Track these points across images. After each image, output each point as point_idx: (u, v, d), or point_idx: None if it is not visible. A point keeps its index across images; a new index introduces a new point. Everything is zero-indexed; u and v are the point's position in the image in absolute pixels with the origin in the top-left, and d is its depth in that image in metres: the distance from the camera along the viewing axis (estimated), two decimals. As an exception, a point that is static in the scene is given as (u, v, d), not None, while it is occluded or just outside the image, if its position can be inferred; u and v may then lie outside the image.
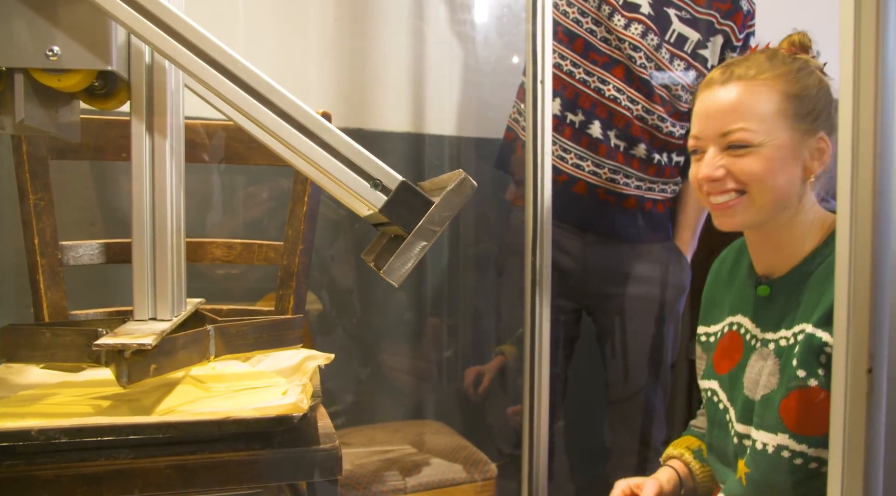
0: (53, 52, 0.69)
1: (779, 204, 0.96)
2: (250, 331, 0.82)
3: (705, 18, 1.54)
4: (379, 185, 0.73)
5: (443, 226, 0.74)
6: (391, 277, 0.74)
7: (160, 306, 0.77)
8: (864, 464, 0.54)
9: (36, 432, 0.63)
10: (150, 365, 0.69)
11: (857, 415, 0.54)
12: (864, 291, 0.56)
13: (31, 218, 1.06)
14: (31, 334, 0.72)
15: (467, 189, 0.74)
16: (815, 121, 0.95)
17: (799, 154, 0.94)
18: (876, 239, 0.56)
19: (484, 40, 1.97)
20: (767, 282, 1.00)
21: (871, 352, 0.54)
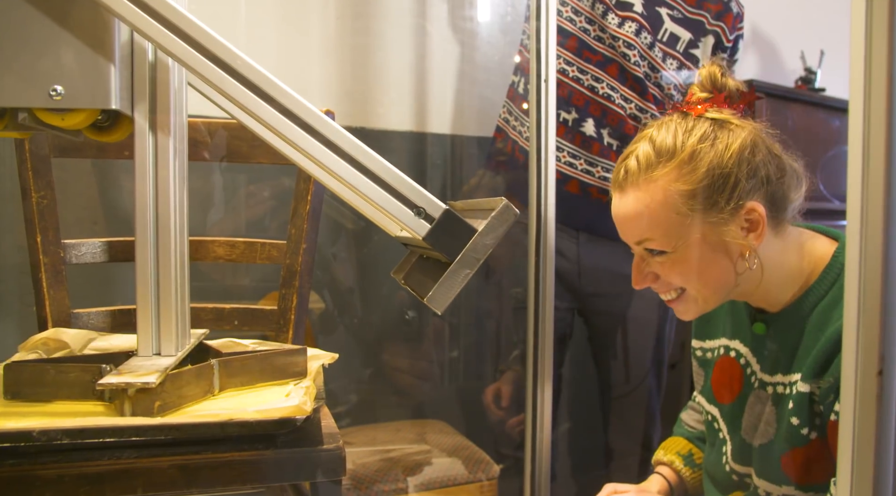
0: (57, 91, 0.70)
1: (725, 289, 0.90)
2: (254, 364, 0.82)
3: (696, 19, 1.55)
4: (422, 213, 0.73)
5: (485, 254, 0.74)
6: (435, 306, 0.74)
7: (164, 341, 0.77)
8: (874, 468, 0.54)
9: (38, 433, 0.62)
10: (154, 402, 0.69)
11: (867, 418, 0.53)
12: (874, 293, 0.55)
13: (34, 216, 1.06)
14: (34, 372, 0.72)
15: (510, 216, 0.74)
16: (731, 200, 0.86)
17: (723, 242, 0.87)
18: (886, 240, 0.56)
19: (487, 38, 1.97)
20: (763, 320, 0.95)
21: (881, 355, 0.54)
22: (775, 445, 0.91)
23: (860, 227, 0.57)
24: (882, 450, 0.53)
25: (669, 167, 0.87)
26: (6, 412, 0.71)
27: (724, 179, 0.86)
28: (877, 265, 0.55)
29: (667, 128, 0.90)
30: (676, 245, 0.87)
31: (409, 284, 0.90)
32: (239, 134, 1.18)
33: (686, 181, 0.86)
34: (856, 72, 0.57)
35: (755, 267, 0.87)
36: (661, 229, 0.87)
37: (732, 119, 0.90)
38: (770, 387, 0.94)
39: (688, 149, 0.87)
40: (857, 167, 0.57)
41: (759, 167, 0.87)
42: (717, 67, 0.93)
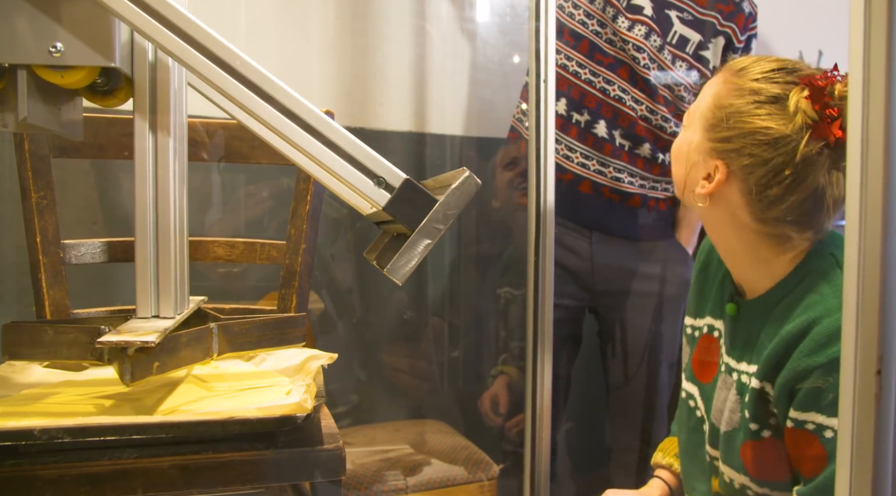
0: (56, 48, 0.69)
1: (677, 185, 0.98)
2: (253, 329, 0.81)
3: (707, 20, 1.55)
4: (383, 183, 0.73)
5: (447, 224, 0.73)
6: (395, 276, 0.74)
7: (163, 304, 0.77)
8: (873, 467, 0.54)
9: (38, 432, 0.62)
10: (153, 362, 0.68)
11: (865, 418, 0.53)
12: (874, 292, 0.56)
13: (34, 216, 1.06)
14: (33, 331, 0.72)
15: (471, 187, 0.74)
16: (720, 144, 0.89)
17: (694, 158, 0.93)
18: (885, 239, 0.56)
19: (487, 39, 1.97)
20: (736, 301, 0.96)
21: (879, 354, 0.54)
22: (737, 434, 0.91)
23: (859, 228, 0.57)
24: (881, 449, 0.53)
25: (729, 75, 0.91)
26: (6, 411, 0.71)
27: (730, 125, 0.88)
28: (875, 264, 0.56)
29: (767, 61, 0.91)
30: (686, 130, 0.96)
31: (379, 262, 0.90)
32: (238, 134, 1.18)
33: (724, 97, 0.90)
34: (854, 72, 0.57)
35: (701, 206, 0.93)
36: (692, 109, 0.97)
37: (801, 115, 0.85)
38: (735, 374, 0.94)
39: (751, 86, 0.88)
40: (855, 168, 0.58)
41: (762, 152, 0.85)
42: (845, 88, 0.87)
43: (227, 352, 0.79)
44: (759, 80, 0.88)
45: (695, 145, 0.93)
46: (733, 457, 0.91)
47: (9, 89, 0.72)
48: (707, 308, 1.04)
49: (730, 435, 0.93)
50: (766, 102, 0.86)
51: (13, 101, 0.73)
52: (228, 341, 0.79)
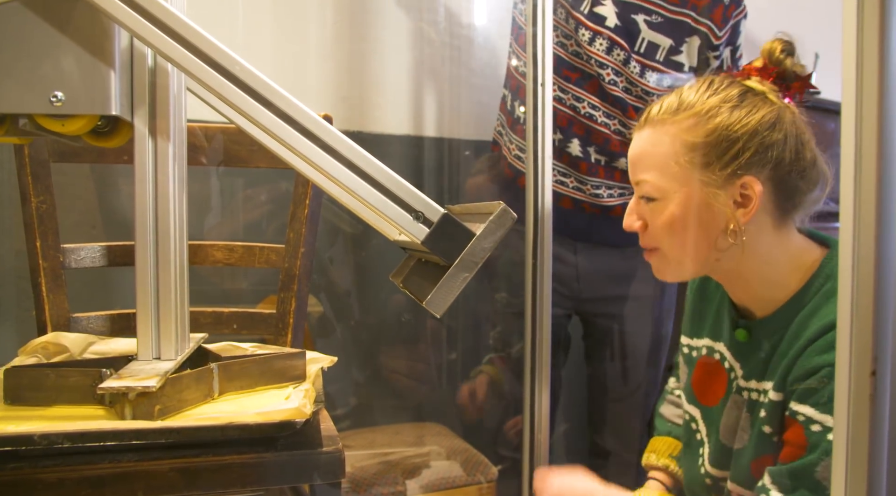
0: (58, 97, 0.70)
1: (701, 258, 0.89)
2: (253, 368, 0.82)
3: (679, 20, 1.45)
4: (421, 217, 0.74)
5: (483, 257, 0.75)
6: (434, 309, 0.75)
7: (164, 345, 0.77)
8: (868, 468, 0.54)
9: (38, 437, 0.63)
10: (154, 406, 0.70)
11: (860, 419, 0.54)
12: (868, 293, 0.56)
13: (34, 221, 1.06)
14: (34, 376, 0.73)
15: (508, 221, 0.75)
16: (731, 166, 0.85)
17: (711, 207, 0.86)
18: (879, 240, 0.56)
19: (483, 43, 1.97)
20: (745, 326, 0.94)
21: (874, 355, 0.54)
22: (747, 451, 0.91)
23: (853, 230, 0.58)
24: (875, 450, 0.54)
25: (684, 116, 0.87)
26: (7, 416, 0.72)
27: (728, 143, 0.85)
28: (869, 266, 0.56)
29: (699, 84, 0.91)
30: (666, 193, 0.87)
31: (408, 288, 0.90)
32: (236, 138, 1.18)
33: (693, 133, 0.86)
34: (847, 76, 0.58)
35: (737, 245, 0.86)
36: (657, 173, 0.88)
37: (770, 94, 0.89)
38: (746, 392, 0.94)
39: (707, 105, 0.87)
40: (849, 170, 0.58)
41: (773, 145, 0.86)
42: (780, 44, 0.93)
43: (228, 392, 0.80)
44: (710, 97, 0.88)
45: (699, 193, 0.86)
46: (743, 474, 0.91)
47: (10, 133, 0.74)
48: (705, 329, 1.03)
49: (740, 453, 0.92)
50: (739, 102, 0.87)
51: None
52: (229, 380, 0.80)
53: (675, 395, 1.15)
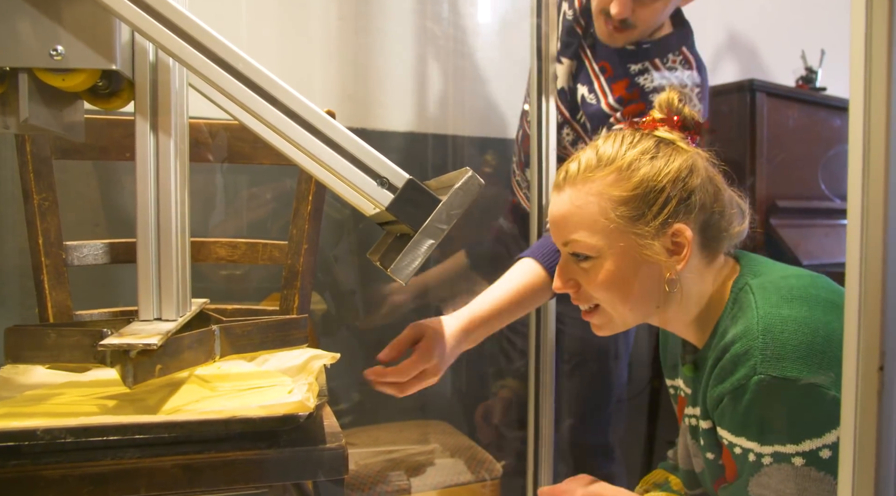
0: (58, 51, 0.69)
1: (642, 309, 0.90)
2: (255, 331, 0.81)
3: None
4: (385, 183, 0.73)
5: (450, 224, 0.74)
6: (398, 276, 0.74)
7: (165, 306, 0.77)
8: (875, 463, 0.54)
9: (41, 432, 0.63)
10: (155, 365, 0.69)
11: (868, 414, 0.53)
12: (875, 289, 0.56)
13: (36, 218, 1.06)
14: (35, 335, 0.72)
15: (474, 187, 0.74)
16: (660, 216, 0.86)
17: (645, 258, 0.87)
18: (887, 236, 0.56)
19: (488, 39, 1.97)
20: (692, 361, 0.96)
21: (882, 350, 0.54)
22: (706, 475, 0.94)
23: (861, 226, 0.57)
24: (884, 445, 0.53)
25: (606, 171, 0.88)
26: (9, 412, 0.71)
27: (655, 194, 0.87)
28: (878, 262, 0.56)
29: (614, 138, 0.92)
30: (600, 250, 0.88)
31: (382, 263, 0.90)
32: (240, 135, 1.18)
33: (619, 187, 0.87)
34: (856, 72, 0.57)
35: (674, 291, 0.88)
36: (587, 231, 0.88)
37: (679, 142, 0.91)
38: (687, 419, 0.97)
39: (627, 158, 0.88)
40: (857, 166, 0.58)
41: (694, 191, 0.88)
42: (676, 93, 0.95)
43: (230, 354, 0.79)
44: (628, 150, 0.89)
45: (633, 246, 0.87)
46: (711, 493, 0.93)
47: (10, 92, 0.73)
48: (674, 370, 1.06)
49: (702, 476, 0.96)
50: (656, 153, 0.89)
51: (14, 103, 0.73)
52: (230, 343, 0.79)
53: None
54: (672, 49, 1.27)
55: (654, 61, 1.26)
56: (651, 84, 1.26)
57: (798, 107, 2.04)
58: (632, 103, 1.25)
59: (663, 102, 0.95)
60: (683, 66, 1.27)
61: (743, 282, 0.89)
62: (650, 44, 1.27)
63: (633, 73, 1.26)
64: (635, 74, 1.26)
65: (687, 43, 1.29)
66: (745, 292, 0.88)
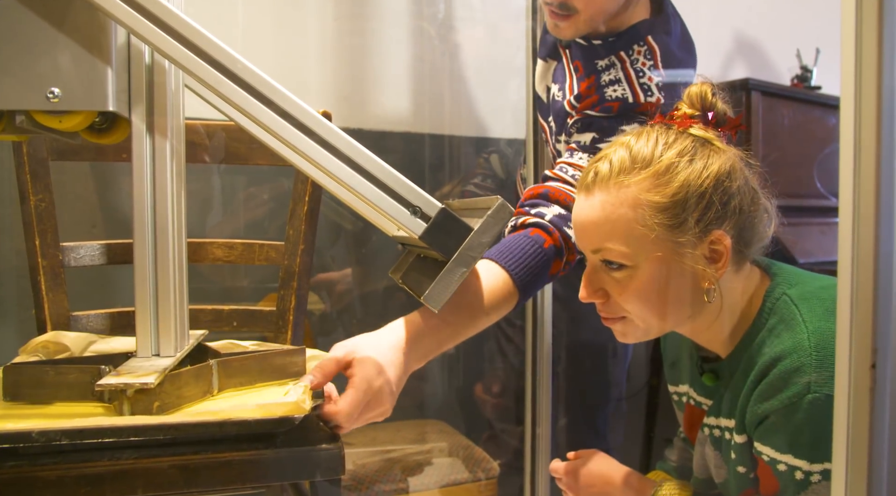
0: (54, 93, 0.70)
1: (675, 319, 0.86)
2: (253, 365, 0.82)
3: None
4: (418, 212, 0.74)
5: (481, 252, 0.75)
6: (432, 304, 0.75)
7: (163, 342, 0.77)
8: (868, 462, 0.54)
9: (37, 434, 0.63)
10: (153, 402, 0.69)
11: (860, 412, 0.54)
12: (867, 286, 0.56)
13: (32, 219, 1.06)
14: (34, 373, 0.73)
15: (505, 215, 0.75)
16: (701, 223, 0.82)
17: (683, 267, 0.82)
18: (879, 233, 0.56)
19: (483, 39, 1.97)
20: (711, 370, 0.93)
21: (874, 348, 0.54)
22: (731, 487, 0.91)
23: (852, 224, 0.57)
24: (876, 443, 0.54)
25: (643, 175, 0.82)
26: (5, 414, 0.72)
27: (697, 199, 0.81)
28: (869, 260, 0.56)
29: (646, 137, 0.86)
30: (635, 260, 0.82)
31: (407, 283, 0.90)
32: (237, 136, 1.18)
33: (658, 193, 0.81)
34: (846, 71, 0.57)
35: (714, 301, 0.84)
36: (623, 239, 0.82)
37: (716, 141, 0.86)
38: (707, 429, 0.94)
39: (665, 161, 0.82)
40: (848, 165, 0.58)
41: (733, 195, 0.83)
42: (709, 86, 0.89)
43: (227, 389, 0.79)
44: (665, 151, 0.84)
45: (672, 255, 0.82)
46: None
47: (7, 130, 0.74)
48: (684, 376, 1.03)
49: (724, 486, 0.93)
50: (693, 154, 0.84)
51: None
52: (228, 377, 0.80)
53: (681, 437, 1.15)
54: (638, 39, 1.16)
55: (620, 54, 1.16)
56: (608, 77, 1.16)
57: (793, 105, 2.05)
58: (587, 98, 1.16)
59: (695, 96, 0.88)
60: (646, 57, 1.15)
61: (780, 292, 0.86)
62: (616, 36, 1.18)
63: (601, 69, 1.17)
64: (602, 70, 1.17)
65: (653, 31, 1.17)
66: (786, 304, 0.84)
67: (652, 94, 1.12)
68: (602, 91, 1.15)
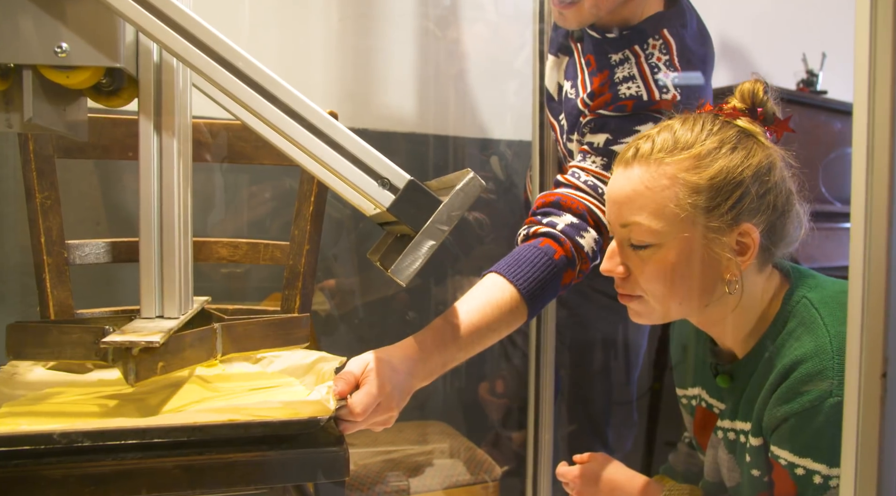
0: (62, 48, 0.69)
1: (688, 307, 0.87)
2: (257, 329, 0.81)
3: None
4: (387, 184, 0.73)
5: (451, 225, 0.74)
6: (399, 276, 0.74)
7: (167, 304, 0.77)
8: (878, 471, 0.54)
9: (58, 435, 0.62)
10: (157, 362, 0.68)
11: (870, 421, 0.53)
12: (879, 295, 0.56)
13: (38, 217, 1.06)
14: (38, 331, 0.72)
15: (475, 188, 0.74)
16: (733, 212, 0.82)
17: (709, 254, 0.83)
18: (890, 242, 0.56)
19: (490, 40, 1.97)
20: (726, 370, 0.93)
21: (885, 356, 0.54)
22: (743, 490, 0.90)
23: (864, 231, 0.57)
24: (886, 452, 0.53)
25: (684, 155, 0.83)
26: (13, 412, 0.71)
27: (733, 186, 0.82)
28: (881, 269, 0.56)
29: (692, 121, 0.87)
30: (662, 237, 0.83)
31: (384, 265, 0.89)
32: (242, 135, 1.18)
33: (696, 174, 0.82)
34: (860, 75, 0.57)
35: (734, 293, 0.84)
36: (653, 214, 0.83)
37: (760, 136, 0.86)
38: (721, 432, 0.94)
39: (707, 145, 0.83)
40: (860, 171, 0.58)
41: (769, 190, 0.84)
42: (762, 85, 0.89)
43: (231, 353, 0.78)
44: (708, 137, 0.84)
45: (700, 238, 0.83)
46: None
47: (14, 89, 0.73)
48: (695, 378, 1.03)
49: (736, 491, 0.93)
50: (736, 144, 0.84)
51: (18, 101, 0.73)
52: (232, 341, 0.79)
53: (686, 442, 1.14)
54: (653, 33, 1.13)
55: (634, 48, 1.13)
56: (622, 73, 1.13)
57: (799, 110, 2.05)
58: (601, 96, 1.13)
59: (747, 92, 0.89)
60: (661, 51, 1.12)
61: (800, 295, 0.86)
62: (630, 30, 1.15)
63: (614, 64, 1.15)
64: (615, 65, 1.14)
65: (669, 24, 1.14)
66: (806, 307, 0.84)
67: (668, 91, 1.09)
68: (616, 88, 1.13)
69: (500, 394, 1.75)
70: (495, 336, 0.97)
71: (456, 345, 0.92)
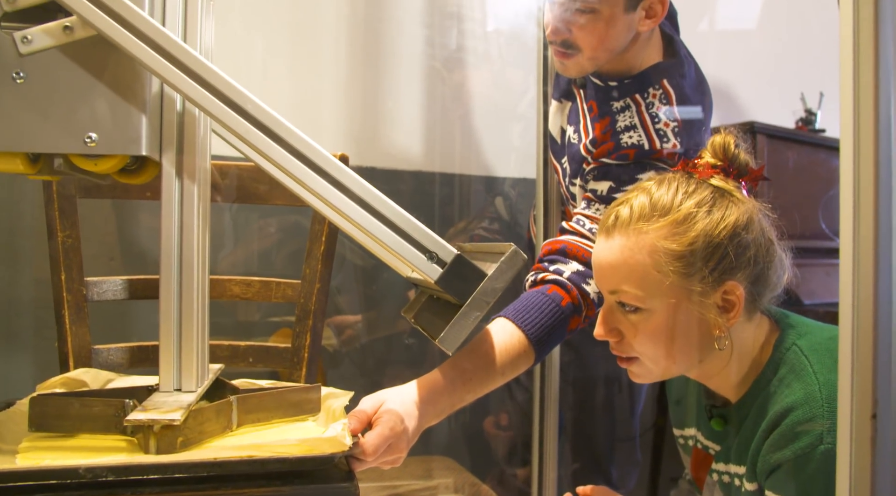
0: (91, 138, 0.73)
1: (686, 364, 0.89)
2: (271, 401, 0.84)
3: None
4: (435, 258, 0.77)
5: (495, 297, 0.77)
6: (446, 347, 0.77)
7: (185, 377, 0.79)
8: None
9: (83, 470, 0.64)
10: (177, 438, 0.71)
11: (862, 462, 0.55)
12: (868, 336, 0.57)
13: (59, 255, 1.09)
14: (60, 405, 0.75)
15: (518, 262, 0.77)
16: (715, 273, 0.84)
17: (696, 315, 0.85)
18: (878, 281, 0.58)
19: (496, 80, 2.01)
20: (720, 414, 0.95)
21: (875, 398, 0.55)
22: None
23: (852, 269, 0.59)
24: (878, 492, 0.55)
25: (662, 223, 0.85)
26: (35, 446, 0.74)
27: (713, 249, 0.84)
28: (869, 308, 0.58)
29: (668, 184, 0.89)
30: (650, 304, 0.85)
31: (420, 323, 0.93)
32: (256, 176, 1.22)
33: (675, 241, 0.84)
34: (845, 116, 0.60)
35: (724, 349, 0.87)
36: (638, 283, 0.85)
37: (735, 192, 0.88)
38: (715, 474, 0.95)
39: (684, 210, 0.85)
40: (848, 214, 0.60)
41: (748, 247, 0.86)
42: (732, 137, 0.92)
43: (246, 424, 0.81)
44: (684, 200, 0.86)
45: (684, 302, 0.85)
46: None
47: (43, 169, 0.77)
48: (691, 420, 1.04)
49: None
50: (712, 204, 0.86)
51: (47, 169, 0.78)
52: (247, 412, 0.82)
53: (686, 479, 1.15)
54: (653, 82, 1.17)
55: (635, 96, 1.17)
56: (623, 122, 1.17)
57: (798, 148, 2.08)
58: (603, 144, 1.17)
59: (718, 146, 0.91)
60: (661, 101, 1.16)
61: (790, 341, 0.88)
62: (631, 78, 1.18)
63: (615, 111, 1.18)
64: (617, 112, 1.18)
65: (669, 74, 1.18)
66: (796, 354, 0.86)
67: (668, 140, 1.13)
68: (618, 137, 1.16)
69: (505, 427, 1.76)
70: (502, 379, 1.00)
71: (465, 388, 0.96)
